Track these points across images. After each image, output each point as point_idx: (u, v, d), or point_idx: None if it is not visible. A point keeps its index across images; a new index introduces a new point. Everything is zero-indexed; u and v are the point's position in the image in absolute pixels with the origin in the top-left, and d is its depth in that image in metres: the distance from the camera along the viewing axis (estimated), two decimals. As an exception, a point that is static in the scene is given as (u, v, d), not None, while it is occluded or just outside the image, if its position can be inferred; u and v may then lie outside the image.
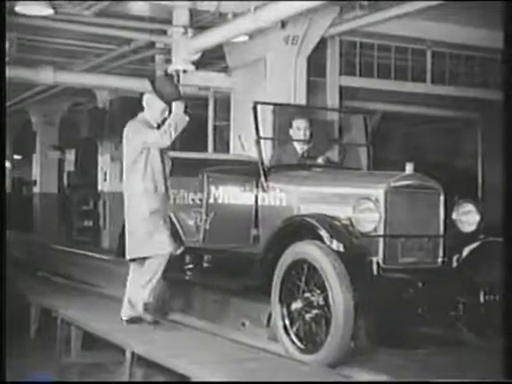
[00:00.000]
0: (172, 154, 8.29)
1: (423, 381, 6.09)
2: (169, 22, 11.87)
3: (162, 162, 7.88)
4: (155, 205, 7.73)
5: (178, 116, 7.70)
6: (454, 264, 7.04)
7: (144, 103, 8.00)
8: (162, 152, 7.87)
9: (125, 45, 14.34)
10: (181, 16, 11.58)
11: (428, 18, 11.83)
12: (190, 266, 8.61)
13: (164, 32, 12.50)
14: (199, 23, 11.99)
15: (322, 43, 12.21)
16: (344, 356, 6.26)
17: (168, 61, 12.93)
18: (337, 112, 12.04)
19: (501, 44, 14.45)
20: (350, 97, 12.95)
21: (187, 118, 7.72)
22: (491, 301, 7.06)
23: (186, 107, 7.75)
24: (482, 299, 7.06)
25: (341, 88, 12.82)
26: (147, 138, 7.68)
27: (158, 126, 7.76)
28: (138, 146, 7.71)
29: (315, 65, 12.21)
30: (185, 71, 12.01)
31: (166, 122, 7.69)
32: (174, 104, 7.74)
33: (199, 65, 12.56)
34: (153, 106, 7.89)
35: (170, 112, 7.75)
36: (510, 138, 4.86)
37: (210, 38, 11.32)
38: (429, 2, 10.30)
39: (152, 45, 14.04)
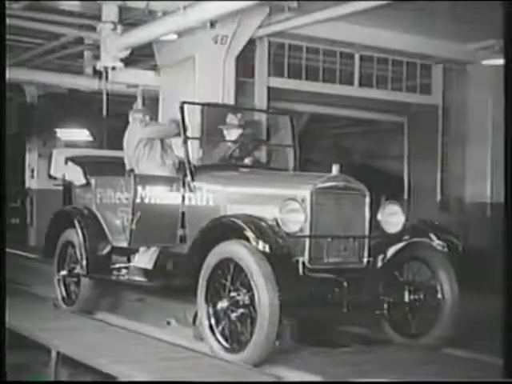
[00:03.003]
0: (97, 152, 8.27)
1: (422, 381, 6.16)
2: (98, 17, 11.77)
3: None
4: None
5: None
6: (379, 264, 7.16)
7: None
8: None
9: (53, 40, 14.16)
10: (110, 12, 11.48)
11: (356, 22, 11.95)
12: (117, 265, 8.57)
13: (93, 28, 12.39)
14: (128, 20, 11.91)
15: (251, 44, 12.25)
16: (269, 355, 6.31)
17: (97, 57, 12.81)
18: (264, 113, 12.06)
19: (427, 49, 14.70)
20: (277, 98, 12.99)
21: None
22: (415, 300, 7.20)
23: None
24: (406, 298, 7.19)
25: (269, 89, 12.87)
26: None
27: None
28: None
29: (244, 65, 12.24)
30: (113, 68, 11.93)
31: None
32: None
33: (128, 62, 12.50)
34: None
35: None
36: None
37: (139, 35, 11.26)
38: (366, 3, 10.33)
39: (81, 40, 13.91)
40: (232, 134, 8.57)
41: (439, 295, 7.13)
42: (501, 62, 13.61)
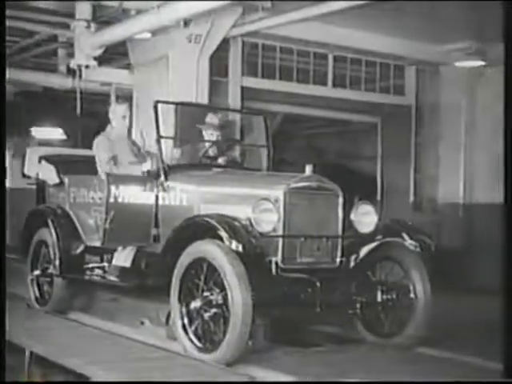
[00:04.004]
0: (71, 151, 8.24)
1: (422, 381, 6.17)
2: (72, 15, 11.72)
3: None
4: None
5: None
6: (352, 264, 7.18)
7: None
8: None
9: (27, 37, 14.08)
10: (84, 10, 11.46)
11: (331, 22, 11.97)
12: (90, 265, 8.53)
13: (67, 26, 12.34)
14: (102, 18, 11.88)
15: (225, 43, 12.24)
16: (242, 354, 6.32)
17: (71, 55, 12.76)
18: (238, 113, 12.05)
19: (400, 50, 14.77)
20: (251, 98, 12.99)
21: None
22: (388, 299, 7.25)
23: None
24: (379, 298, 7.23)
25: (242, 88, 12.86)
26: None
27: None
28: None
29: (218, 65, 12.24)
30: (87, 66, 11.90)
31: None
32: None
33: (102, 61, 12.46)
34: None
35: None
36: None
37: (113, 34, 11.23)
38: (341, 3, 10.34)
39: (55, 38, 13.84)
40: (212, 134, 8.55)
41: (412, 295, 7.18)
42: (473, 63, 13.78)
